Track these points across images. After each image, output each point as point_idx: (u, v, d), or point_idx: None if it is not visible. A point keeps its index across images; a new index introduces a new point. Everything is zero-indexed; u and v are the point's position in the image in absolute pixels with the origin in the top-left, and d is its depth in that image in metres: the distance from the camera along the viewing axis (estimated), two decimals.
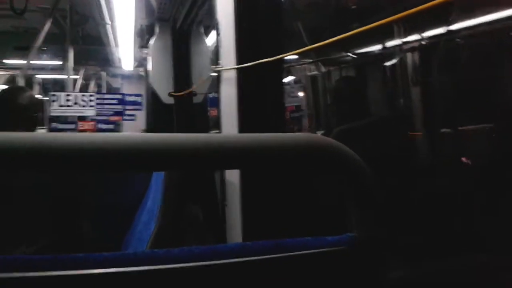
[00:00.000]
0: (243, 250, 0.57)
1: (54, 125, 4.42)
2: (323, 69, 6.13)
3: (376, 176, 0.57)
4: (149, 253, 0.54)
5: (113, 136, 0.51)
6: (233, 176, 1.63)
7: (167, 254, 0.54)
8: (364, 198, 0.58)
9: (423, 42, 4.06)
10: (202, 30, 3.50)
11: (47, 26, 5.32)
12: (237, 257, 0.55)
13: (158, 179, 1.80)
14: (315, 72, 6.28)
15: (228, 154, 0.55)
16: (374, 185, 0.57)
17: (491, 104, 3.24)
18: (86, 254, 0.53)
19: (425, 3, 0.81)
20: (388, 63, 4.77)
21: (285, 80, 6.74)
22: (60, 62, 8.48)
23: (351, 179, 0.57)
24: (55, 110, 4.25)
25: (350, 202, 0.59)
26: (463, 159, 3.11)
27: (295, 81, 6.76)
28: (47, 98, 4.69)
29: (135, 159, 0.51)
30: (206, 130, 3.59)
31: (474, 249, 2.13)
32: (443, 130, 3.68)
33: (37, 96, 7.84)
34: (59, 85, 9.91)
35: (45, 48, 7.05)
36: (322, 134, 3.60)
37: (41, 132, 0.55)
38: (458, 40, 3.82)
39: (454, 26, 3.66)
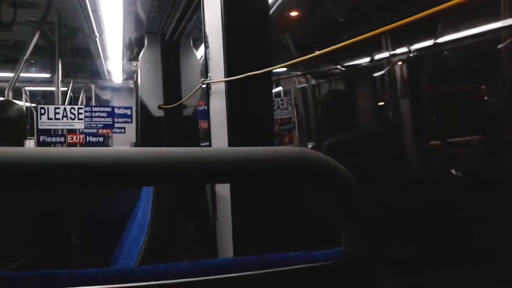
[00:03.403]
0: (231, 265, 0.56)
1: (42, 137, 4.37)
2: (312, 82, 6.17)
3: (365, 190, 0.57)
4: (135, 270, 0.53)
5: (102, 151, 0.51)
6: (224, 189, 1.62)
7: (154, 270, 0.53)
8: (352, 212, 0.57)
9: (411, 55, 4.09)
10: (191, 42, 3.51)
11: (35, 39, 5.30)
12: (225, 273, 0.55)
13: (148, 192, 1.78)
14: (305, 85, 6.32)
15: (217, 168, 0.54)
16: (363, 199, 0.56)
17: (478, 116, 3.27)
18: (70, 270, 0.52)
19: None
20: (376, 75, 4.81)
21: (275, 91, 6.77)
22: (49, 75, 8.45)
23: (340, 193, 0.57)
24: (43, 123, 4.21)
25: (338, 216, 0.58)
26: (452, 171, 3.12)
27: (285, 93, 6.79)
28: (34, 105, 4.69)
29: (125, 173, 0.50)
30: (196, 142, 3.58)
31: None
32: (433, 142, 3.70)
33: (28, 105, 7.80)
34: (48, 98, 9.86)
35: (33, 61, 7.02)
36: (313, 147, 3.61)
37: (29, 147, 0.54)
38: (446, 52, 3.87)
39: (442, 39, 3.70)
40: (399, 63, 4.10)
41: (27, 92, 9.33)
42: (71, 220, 1.98)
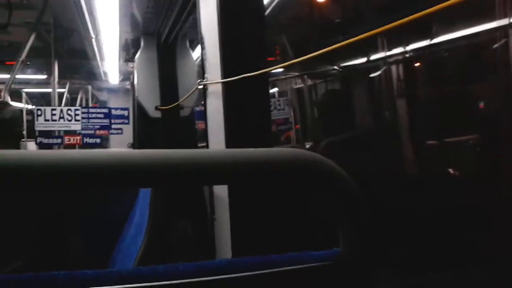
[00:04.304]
0: (229, 266, 0.56)
1: (40, 139, 4.36)
2: (309, 82, 6.17)
3: (362, 191, 0.57)
4: (133, 271, 0.53)
5: (99, 153, 0.51)
6: (222, 190, 1.62)
7: (152, 271, 0.53)
8: (349, 213, 0.58)
9: (407, 55, 4.10)
10: (187, 43, 3.52)
11: (31, 40, 5.29)
12: (223, 274, 0.55)
13: (145, 193, 1.78)
14: (301, 85, 6.32)
15: (214, 170, 0.54)
16: (360, 200, 0.57)
17: (474, 115, 3.28)
18: (68, 272, 0.52)
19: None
20: (373, 76, 4.82)
21: (271, 91, 6.77)
22: (45, 76, 8.43)
23: (337, 194, 0.57)
24: (40, 124, 4.20)
25: (336, 217, 0.58)
26: (450, 170, 3.13)
27: (281, 94, 6.79)
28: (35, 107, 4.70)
29: (122, 176, 0.50)
30: (193, 143, 3.58)
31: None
32: (430, 141, 3.70)
33: (31, 107, 7.76)
34: (48, 99, 9.83)
35: (29, 63, 7.00)
36: (311, 147, 3.62)
37: (25, 150, 0.54)
38: (442, 52, 3.87)
39: (437, 39, 3.71)
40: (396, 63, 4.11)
41: (26, 94, 9.33)
42: (69, 222, 1.98)
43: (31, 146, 5.14)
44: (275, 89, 7.16)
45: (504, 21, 2.65)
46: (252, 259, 0.57)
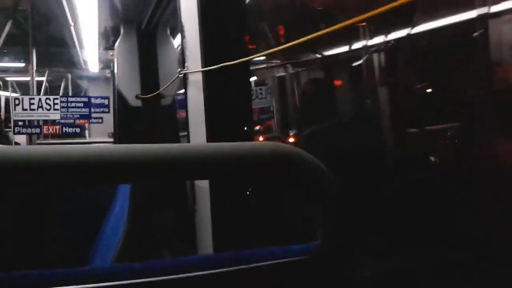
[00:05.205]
0: (206, 262, 0.55)
1: (17, 129, 4.28)
2: (291, 71, 6.14)
3: (340, 184, 0.56)
4: (108, 270, 0.52)
5: (79, 149, 0.49)
6: (202, 180, 1.61)
7: (128, 268, 0.52)
8: (328, 207, 0.57)
9: (389, 44, 4.10)
10: (168, 31, 3.46)
11: (8, 27, 5.17)
12: (200, 270, 0.54)
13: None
14: (283, 73, 6.29)
15: (192, 166, 0.53)
16: (338, 194, 0.56)
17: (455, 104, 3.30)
18: (39, 271, 0.51)
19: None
20: (356, 64, 4.81)
21: (253, 80, 6.72)
22: (23, 64, 8.27)
23: (315, 188, 0.56)
24: (18, 114, 4.12)
25: (315, 210, 0.58)
26: (431, 157, 3.15)
27: (262, 83, 6.75)
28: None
29: (103, 171, 0.49)
30: (175, 132, 3.54)
31: None
32: (411, 130, 3.72)
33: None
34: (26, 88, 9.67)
35: (5, 51, 6.86)
36: (294, 135, 3.61)
37: (8, 146, 0.52)
38: (424, 41, 3.88)
39: (419, 28, 3.71)
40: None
41: (14, 84, 9.20)
42: (48, 214, 1.95)
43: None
44: (254, 78, 7.12)
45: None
46: (229, 254, 0.56)
